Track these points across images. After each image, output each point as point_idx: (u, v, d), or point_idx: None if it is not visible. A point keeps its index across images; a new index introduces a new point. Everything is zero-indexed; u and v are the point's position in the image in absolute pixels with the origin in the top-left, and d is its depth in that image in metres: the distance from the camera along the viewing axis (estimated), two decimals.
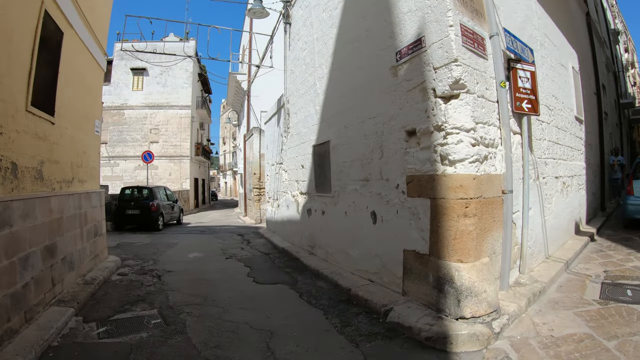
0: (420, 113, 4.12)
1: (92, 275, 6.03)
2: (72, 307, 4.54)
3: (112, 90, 26.51)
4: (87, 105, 6.56)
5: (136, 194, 14.86)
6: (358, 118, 5.53)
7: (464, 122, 3.79)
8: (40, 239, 4.40)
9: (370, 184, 5.23)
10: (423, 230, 4.10)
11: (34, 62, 4.16)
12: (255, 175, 17.13)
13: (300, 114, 8.50)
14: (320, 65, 7.08)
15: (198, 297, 5.22)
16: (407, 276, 4.40)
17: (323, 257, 7.12)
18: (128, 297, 5.30)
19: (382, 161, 4.90)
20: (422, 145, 4.11)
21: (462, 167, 3.77)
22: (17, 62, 3.86)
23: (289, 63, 9.48)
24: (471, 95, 3.86)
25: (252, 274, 6.72)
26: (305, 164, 8.14)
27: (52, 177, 4.87)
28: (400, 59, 4.47)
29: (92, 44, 6.48)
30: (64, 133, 5.34)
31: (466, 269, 3.74)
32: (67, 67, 5.34)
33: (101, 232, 7.39)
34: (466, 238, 3.77)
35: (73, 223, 5.67)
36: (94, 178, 7.13)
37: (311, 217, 7.86)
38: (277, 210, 11.29)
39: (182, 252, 9.14)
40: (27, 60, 4.08)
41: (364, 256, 5.45)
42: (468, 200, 3.77)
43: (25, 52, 4.06)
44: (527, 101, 4.73)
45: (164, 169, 26.72)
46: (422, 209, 4.12)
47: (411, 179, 4.29)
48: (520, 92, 4.69)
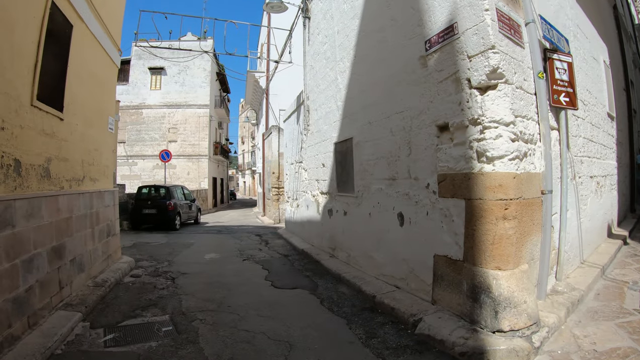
0: (454, 106, 3.76)
1: (103, 277, 5.85)
2: (79, 312, 4.32)
3: (130, 90, 26.66)
4: (99, 101, 6.38)
5: (153, 193, 14.70)
6: (383, 113, 5.19)
7: (503, 115, 3.42)
8: (47, 240, 4.20)
9: (397, 184, 4.88)
10: (457, 234, 3.74)
11: (40, 55, 3.95)
12: (274, 174, 16.91)
13: (320, 111, 8.19)
14: (342, 58, 6.75)
15: (213, 303, 4.96)
16: (437, 283, 4.05)
17: (345, 260, 6.80)
18: (139, 301, 5.07)
19: (410, 159, 4.55)
20: (456, 141, 3.75)
21: (501, 165, 3.39)
22: (20, 54, 3.65)
23: (309, 58, 9.19)
24: (510, 86, 3.49)
25: (270, 277, 6.44)
26: (327, 162, 7.83)
27: (60, 175, 4.68)
28: (430, 48, 4.11)
29: (104, 39, 6.30)
30: (74, 130, 5.15)
31: (505, 277, 3.37)
32: (77, 62, 5.14)
33: (114, 232, 7.24)
34: (505, 243, 3.40)
35: (83, 223, 5.49)
36: (107, 176, 6.97)
37: (332, 218, 7.55)
38: (296, 210, 11.02)
39: (198, 253, 8.94)
40: (32, 52, 3.87)
41: (390, 260, 5.11)
42: (508, 201, 3.40)
43: (30, 44, 3.84)
44: (564, 94, 4.32)
45: (182, 168, 26.74)
46: (455, 210, 3.75)
47: (443, 177, 3.93)
48: (558, 85, 4.29)
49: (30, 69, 3.83)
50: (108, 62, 6.77)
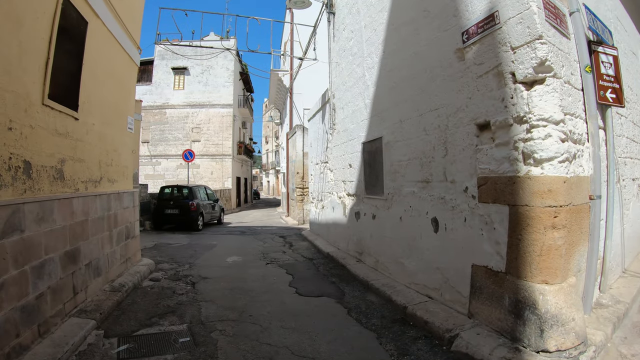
0: (496, 102, 3.42)
1: (121, 281, 5.68)
2: (93, 319, 4.15)
3: (154, 90, 26.87)
4: (118, 100, 6.21)
5: (176, 193, 14.63)
6: (416, 111, 4.87)
7: (552, 112, 3.07)
8: (60, 244, 4.04)
9: (431, 186, 4.56)
10: (498, 244, 3.40)
11: (51, 52, 3.77)
12: (299, 174, 16.70)
13: (347, 109, 7.90)
14: (370, 54, 6.45)
15: (234, 311, 4.72)
16: (475, 296, 3.72)
17: (372, 266, 6.50)
18: (157, 308, 4.89)
19: (446, 160, 4.22)
20: (498, 140, 3.41)
21: (550, 168, 3.04)
22: (30, 50, 3.48)
23: (334, 55, 8.91)
24: (558, 80, 3.13)
25: (294, 283, 6.19)
26: (354, 162, 7.55)
27: (75, 177, 4.50)
28: (467, 40, 3.78)
29: (122, 37, 6.13)
30: (90, 129, 4.97)
31: (552, 292, 3.03)
32: (93, 60, 4.98)
33: (134, 234, 7.08)
34: (554, 255, 3.05)
35: (100, 225, 5.34)
36: (126, 177, 6.80)
37: (359, 221, 7.26)
38: (321, 211, 10.77)
39: (220, 256, 8.77)
40: (43, 49, 3.69)
41: (422, 269, 4.79)
42: (557, 208, 3.04)
43: (41, 40, 3.66)
44: (610, 90, 3.90)
45: (205, 167, 26.84)
46: (497, 217, 3.41)
47: (484, 181, 3.59)
48: (604, 80, 3.87)
49: (41, 66, 3.66)
50: (127, 61, 6.61)
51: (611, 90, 3.91)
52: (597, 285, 3.98)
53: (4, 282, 3.03)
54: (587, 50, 3.63)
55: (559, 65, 3.18)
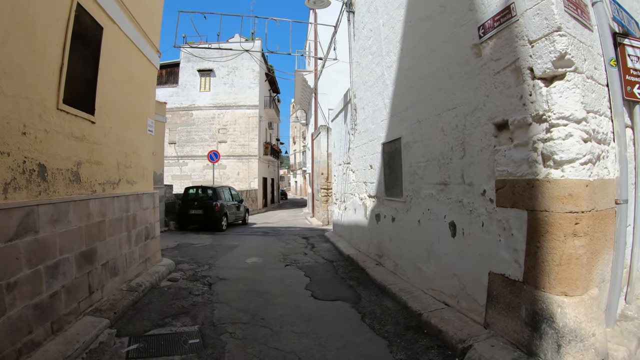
0: (514, 100, 3.22)
1: (138, 281, 5.75)
2: (107, 318, 4.21)
3: (180, 92, 27.40)
4: (136, 103, 6.32)
5: (200, 193, 14.79)
6: (434, 110, 4.69)
7: (573, 110, 2.85)
8: (75, 244, 4.13)
9: (449, 189, 4.38)
10: (516, 251, 3.20)
11: (65, 58, 3.87)
12: (323, 175, 16.62)
13: (367, 109, 7.77)
14: (388, 52, 6.30)
15: (246, 314, 4.70)
16: (491, 305, 3.52)
17: (391, 270, 6.34)
18: (171, 308, 4.91)
19: (464, 161, 4.04)
20: (517, 141, 3.21)
21: (571, 170, 2.83)
22: (43, 57, 3.57)
23: (354, 54, 8.78)
24: (579, 75, 2.91)
25: (311, 286, 6.11)
26: (374, 164, 7.40)
27: (92, 179, 4.63)
28: (484, 35, 3.59)
29: (140, 41, 6.24)
30: (107, 132, 5.10)
31: (572, 305, 2.81)
32: (110, 64, 5.09)
33: (154, 235, 7.16)
34: (574, 265, 2.84)
35: (118, 226, 5.44)
36: (146, 179, 6.91)
37: (380, 224, 7.11)
38: (344, 213, 10.65)
39: (241, 257, 8.78)
40: (57, 55, 3.78)
41: (439, 274, 4.61)
42: (579, 214, 2.82)
43: (55, 47, 3.75)
44: (638, 86, 3.61)
45: (232, 168, 27.11)
46: (515, 223, 3.21)
47: (502, 184, 3.40)
48: (631, 74, 3.54)
49: (55, 72, 3.75)
50: (145, 64, 6.72)
51: (639, 85, 3.63)
52: (623, 296, 3.70)
53: (17, 281, 3.12)
54: (611, 42, 3.38)
55: (581, 59, 2.96)
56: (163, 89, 27.59)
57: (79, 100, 4.27)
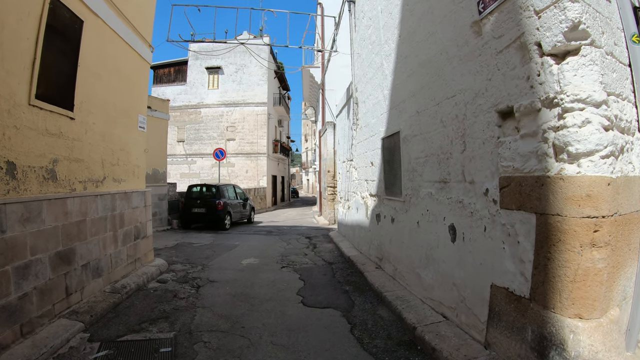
0: (520, 82, 2.72)
1: (123, 283, 5.55)
2: (82, 322, 4.04)
3: (188, 90, 27.28)
4: (125, 99, 6.12)
5: (203, 191, 14.43)
6: (432, 100, 4.20)
7: (591, 91, 2.33)
8: (50, 244, 3.99)
9: (449, 188, 3.89)
10: (522, 262, 2.71)
11: (38, 53, 3.74)
12: (330, 173, 16.13)
13: (368, 103, 7.29)
14: (387, 40, 5.81)
15: (227, 321, 4.35)
16: (493, 322, 3.03)
17: (391, 274, 5.87)
18: (152, 313, 4.64)
19: (465, 156, 3.54)
20: (524, 130, 2.71)
21: (589, 165, 2.32)
22: (12, 51, 3.43)
23: (356, 46, 8.30)
24: (597, 50, 2.38)
25: (303, 291, 5.67)
26: (375, 160, 6.92)
27: (71, 177, 4.46)
28: (484, 10, 3.09)
29: (129, 34, 6.05)
30: (89, 129, 4.92)
31: (587, 330, 2.31)
32: (94, 59, 4.95)
33: (145, 235, 6.94)
34: (592, 282, 2.32)
35: (102, 226, 5.24)
36: (136, 177, 6.73)
37: (380, 224, 6.63)
38: (347, 212, 10.18)
39: (238, 257, 8.39)
40: (28, 50, 3.66)
41: (438, 282, 4.13)
42: (599, 219, 2.31)
43: (25, 41, 3.60)
44: None
45: (240, 166, 26.79)
46: (522, 228, 2.71)
47: (507, 181, 2.90)
48: None
49: (26, 67, 3.62)
50: (136, 59, 6.52)
51: None
52: None
53: None
54: (632, 16, 2.85)
55: (598, 31, 2.43)
56: (171, 87, 27.51)
57: (56, 96, 4.15)
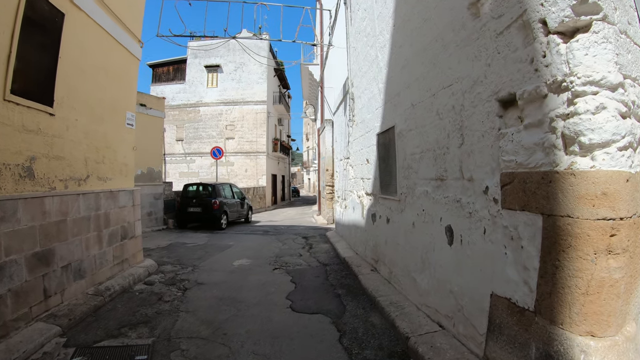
0: (522, 66, 2.40)
1: (108, 285, 5.34)
2: (59, 326, 3.86)
3: (187, 88, 26.99)
4: (112, 95, 5.94)
5: (199, 190, 14.16)
6: (428, 91, 3.88)
7: (605, 71, 2.00)
8: (26, 245, 3.85)
9: (446, 186, 3.56)
10: (527, 269, 2.38)
11: (14, 47, 3.64)
12: (328, 171, 15.81)
13: (364, 97, 6.97)
14: (382, 31, 5.49)
15: (209, 327, 4.11)
16: (493, 335, 2.71)
17: (386, 277, 5.55)
18: (133, 317, 4.43)
19: (463, 151, 3.21)
20: (528, 120, 2.39)
21: (605, 158, 2.00)
22: None
23: (351, 39, 7.99)
24: (611, 27, 2.05)
25: (293, 294, 5.37)
26: (370, 157, 6.61)
27: (51, 175, 4.34)
28: None
29: (116, 29, 5.87)
30: (71, 125, 4.78)
31: (601, 351, 1.98)
32: (76, 53, 4.82)
33: (133, 235, 6.71)
34: (607, 294, 2.00)
35: (85, 226, 5.09)
36: (124, 175, 6.52)
37: (375, 224, 6.31)
38: (344, 211, 9.87)
39: (230, 258, 8.11)
40: (3, 44, 3.55)
41: (434, 288, 3.81)
42: (616, 222, 1.98)
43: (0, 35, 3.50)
44: None
45: (240, 165, 26.47)
46: (527, 231, 2.39)
47: (509, 178, 2.57)
48: None
49: (1, 61, 3.52)
50: (124, 54, 6.34)
51: None
52: None
53: None
54: None
55: (610, 7, 2.09)
56: (170, 85, 27.26)
57: (34, 91, 4.03)
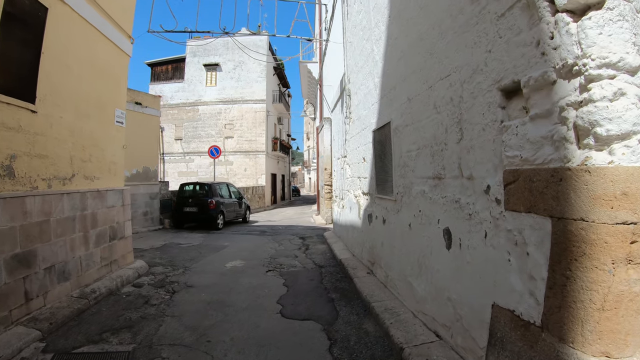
0: (527, 50, 2.13)
1: (94, 287, 5.18)
2: (39, 330, 3.74)
3: (186, 87, 26.80)
4: (99, 92, 5.78)
5: (196, 190, 13.91)
6: (425, 83, 3.62)
7: (623, 52, 1.73)
8: (5, 246, 3.76)
9: (444, 185, 3.29)
10: (533, 279, 2.11)
11: None
12: (327, 170, 15.56)
13: (360, 93, 6.71)
14: (377, 23, 5.23)
15: (194, 333, 3.90)
16: (494, 350, 2.44)
17: (382, 281, 5.29)
18: (116, 321, 4.26)
19: (462, 146, 2.94)
20: (535, 110, 2.11)
21: (625, 153, 1.72)
22: None
23: (348, 34, 7.74)
24: (627, 4, 1.77)
25: (285, 299, 5.12)
26: (367, 155, 6.34)
27: (32, 174, 4.24)
28: None
29: (104, 24, 5.73)
30: (55, 123, 4.66)
31: None
32: (60, 49, 4.70)
33: (122, 235, 6.53)
34: (626, 310, 1.72)
35: (70, 226, 4.96)
36: (113, 174, 6.33)
37: (372, 225, 6.05)
38: (341, 211, 9.61)
39: (223, 259, 7.86)
40: None
41: (432, 295, 3.54)
42: (638, 226, 1.72)
43: None
44: None
45: (239, 164, 26.23)
46: (533, 236, 2.11)
47: (513, 176, 2.29)
48: None
49: None
50: (112, 50, 6.18)
51: None
52: None
53: None
54: None
55: None
56: (169, 84, 27.07)
57: (14, 87, 3.94)
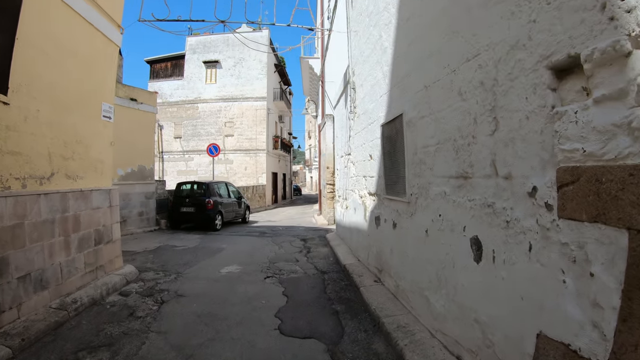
0: (589, 15, 1.64)
1: (75, 297, 4.77)
2: (8, 347, 3.42)
3: (186, 85, 26.45)
4: (84, 84, 5.42)
5: (193, 189, 13.46)
6: (446, 67, 3.13)
7: None
8: None
9: (472, 185, 2.81)
10: (599, 307, 1.63)
11: None
12: (329, 169, 15.08)
13: (366, 85, 6.23)
14: (386, 6, 4.75)
15: (180, 354, 3.45)
16: None
17: (392, 291, 4.82)
18: (95, 337, 3.87)
19: (497, 139, 2.45)
20: (601, 91, 1.63)
21: None
22: None
23: (352, 23, 7.26)
24: None
25: (284, 311, 4.65)
26: (374, 152, 5.86)
27: (3, 173, 3.93)
28: None
29: (90, 12, 5.39)
30: (31, 116, 4.34)
31: None
32: (38, 36, 4.42)
33: (110, 239, 6.09)
34: None
35: (48, 230, 4.61)
36: (99, 173, 5.91)
37: (379, 229, 5.58)
38: (345, 212, 9.14)
39: (219, 264, 7.40)
40: None
41: (453, 314, 3.07)
42: None
43: None
44: None
45: (239, 163, 25.79)
46: (601, 252, 1.63)
47: (571, 175, 1.80)
48: None
49: None
50: (99, 40, 5.80)
51: None
52: None
53: None
54: None
55: None
56: (168, 82, 26.74)
57: None
